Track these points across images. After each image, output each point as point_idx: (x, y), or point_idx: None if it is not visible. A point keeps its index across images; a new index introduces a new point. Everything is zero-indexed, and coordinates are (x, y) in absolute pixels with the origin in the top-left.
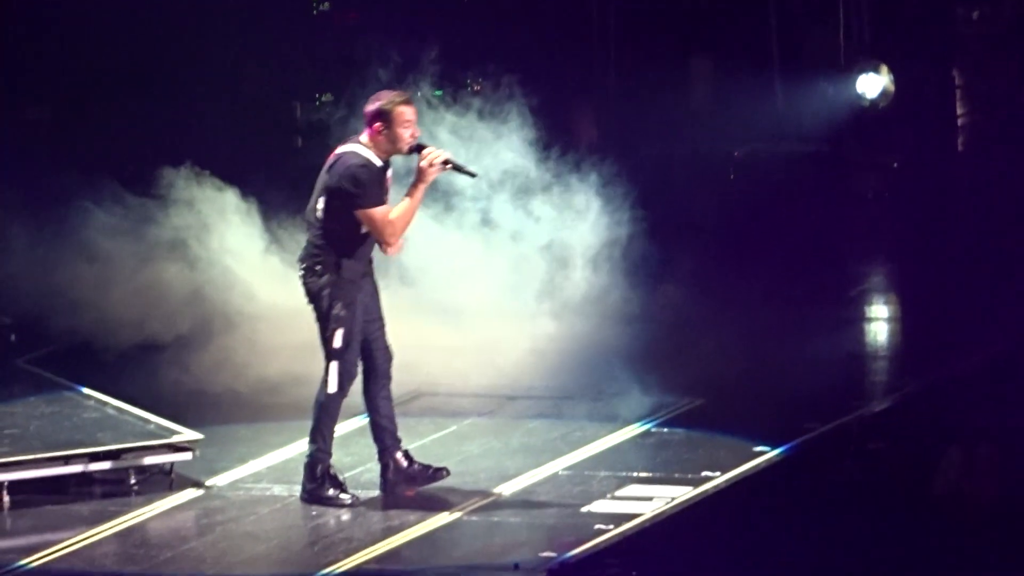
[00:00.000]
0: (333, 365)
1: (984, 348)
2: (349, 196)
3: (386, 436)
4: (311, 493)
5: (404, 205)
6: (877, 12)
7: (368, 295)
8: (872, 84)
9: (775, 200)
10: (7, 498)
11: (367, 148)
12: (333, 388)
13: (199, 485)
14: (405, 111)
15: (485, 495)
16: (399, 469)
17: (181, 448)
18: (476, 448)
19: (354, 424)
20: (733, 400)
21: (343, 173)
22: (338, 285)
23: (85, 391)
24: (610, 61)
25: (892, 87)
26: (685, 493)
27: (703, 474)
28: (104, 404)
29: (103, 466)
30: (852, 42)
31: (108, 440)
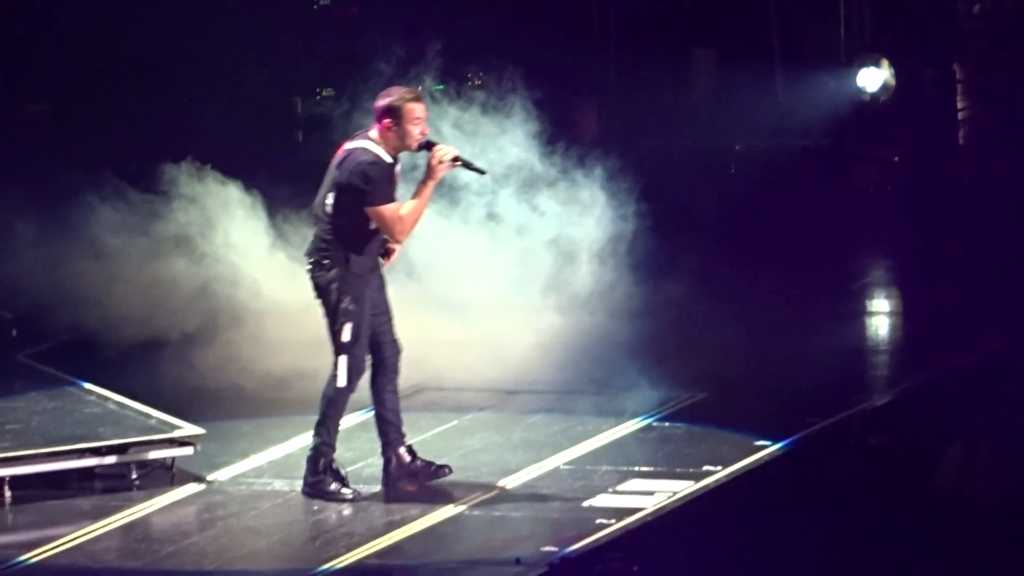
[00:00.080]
0: (342, 359)
1: (985, 343)
2: (359, 193)
3: (391, 430)
4: (313, 486)
5: (414, 203)
6: (878, 6)
7: (375, 289)
8: (873, 78)
9: (776, 194)
10: (8, 493)
11: (377, 144)
12: (342, 382)
13: (200, 480)
14: (415, 108)
15: (486, 490)
16: (401, 464)
17: (182, 443)
18: (477, 443)
19: (356, 419)
20: (734, 395)
21: (353, 169)
22: (346, 279)
23: (86, 386)
24: (611, 56)
25: (893, 81)
26: (687, 487)
27: (704, 468)
28: (105, 399)
29: (104, 461)
30: (853, 36)
31: (109, 435)
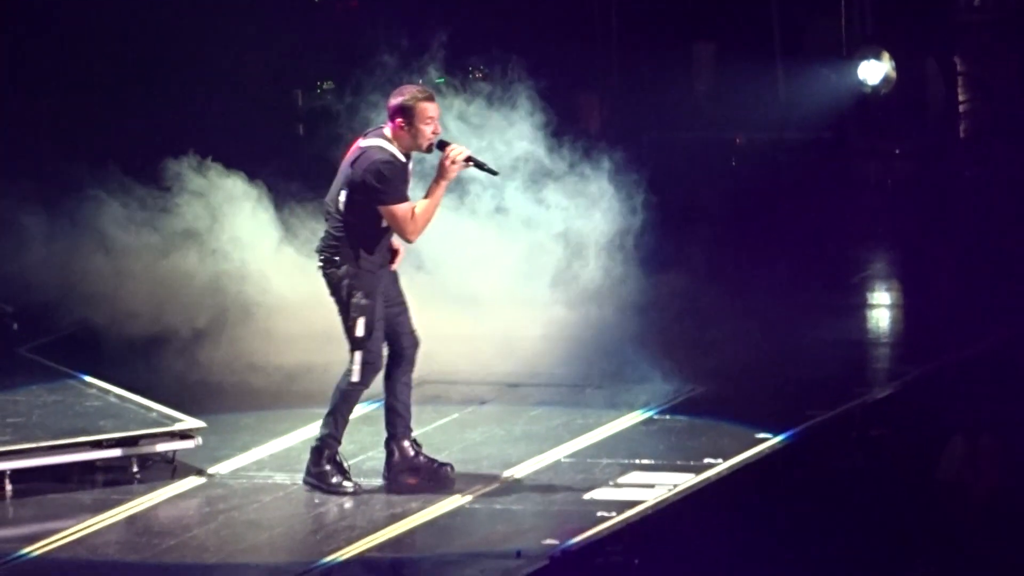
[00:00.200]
0: (357, 355)
1: (986, 336)
2: (373, 192)
3: (399, 423)
4: (315, 477)
5: (426, 202)
6: None
7: (388, 283)
8: (874, 71)
9: (777, 187)
10: (10, 486)
11: (390, 143)
12: (356, 377)
13: (202, 473)
14: (428, 107)
15: (488, 483)
16: (405, 457)
17: (184, 436)
18: (479, 436)
19: (359, 412)
20: (735, 387)
21: (367, 168)
22: (357, 276)
23: (87, 379)
24: (612, 48)
25: (894, 74)
26: (688, 480)
27: (705, 461)
28: (107, 392)
29: (105, 454)
30: (854, 29)
31: (111, 428)
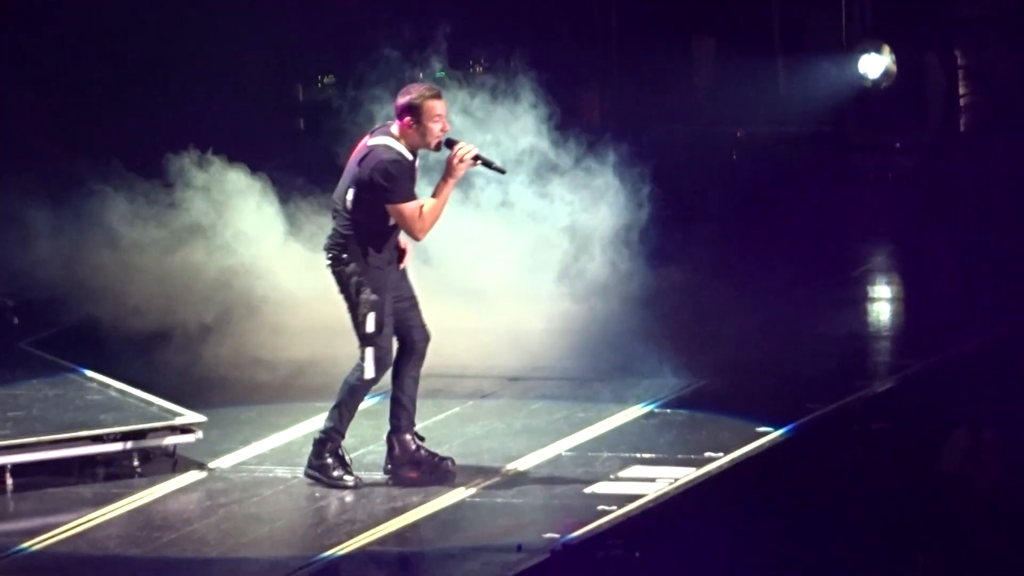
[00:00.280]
0: (368, 351)
1: (987, 329)
2: (380, 190)
3: (403, 416)
4: (317, 470)
5: (434, 201)
6: None
7: (396, 279)
8: (874, 65)
9: (777, 180)
10: (10, 480)
11: (398, 141)
12: (370, 374)
13: (202, 467)
14: (435, 105)
15: (488, 476)
16: (406, 451)
17: (184, 430)
18: (479, 429)
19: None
20: (736, 381)
21: (375, 167)
22: (366, 272)
23: (88, 373)
24: (613, 43)
25: (894, 67)
26: (688, 474)
27: (706, 455)
28: (107, 386)
29: (106, 448)
30: (854, 22)
31: (111, 422)
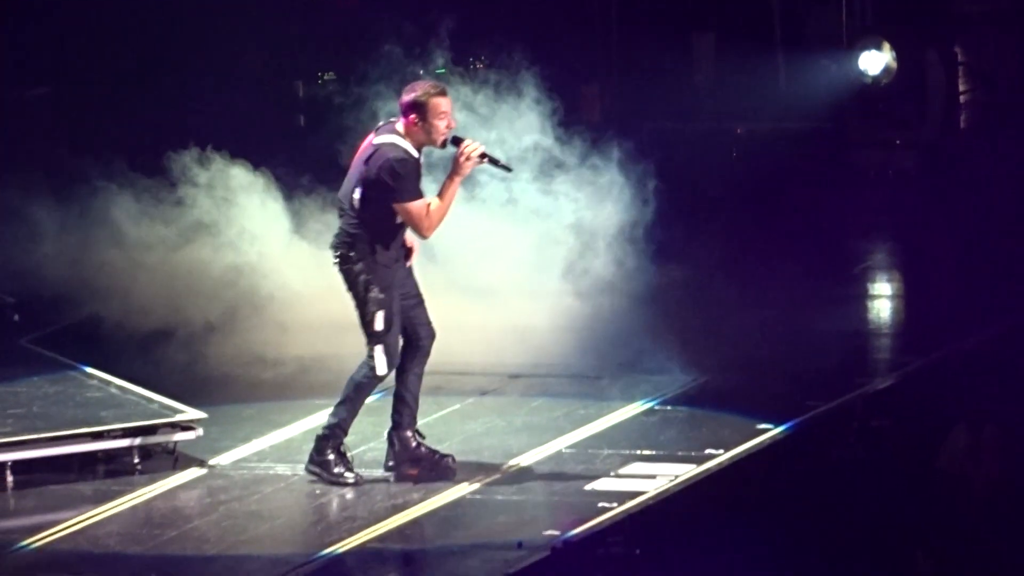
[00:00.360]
0: (378, 348)
1: (987, 326)
2: (388, 189)
3: (405, 412)
4: (318, 466)
5: (440, 199)
6: None
7: (403, 276)
8: (874, 61)
9: (777, 177)
10: (11, 478)
11: (403, 139)
12: (382, 371)
13: (202, 464)
14: (441, 102)
15: (489, 473)
16: (406, 448)
17: (185, 427)
18: (479, 427)
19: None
20: (736, 378)
21: (382, 166)
22: (374, 270)
23: (88, 370)
24: (613, 38)
25: (894, 64)
26: (688, 471)
27: (706, 452)
28: (107, 383)
29: (107, 445)
30: (854, 19)
31: (112, 419)
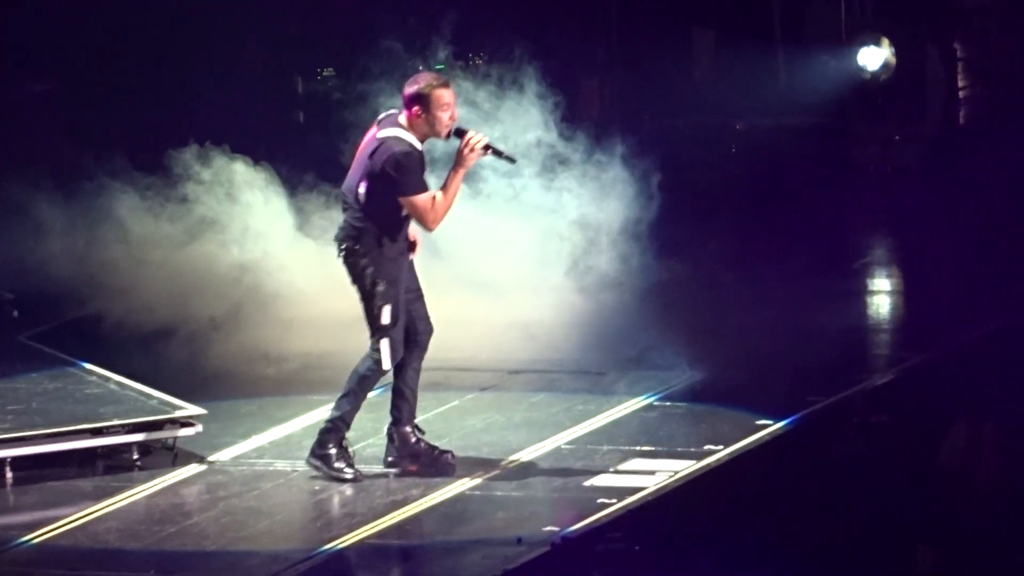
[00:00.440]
0: (384, 342)
1: (987, 321)
2: (393, 182)
3: (404, 408)
4: (319, 459)
5: (445, 192)
6: None
7: (407, 270)
8: (873, 57)
9: (776, 173)
10: (10, 474)
11: (407, 131)
12: (387, 364)
13: (202, 460)
14: (443, 94)
15: (488, 469)
16: (406, 444)
17: (184, 423)
18: (479, 423)
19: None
20: (736, 373)
21: (387, 160)
22: (380, 263)
23: (88, 367)
24: (612, 34)
25: (893, 60)
26: (688, 467)
27: (706, 447)
28: (107, 380)
29: (106, 442)
30: (853, 15)
31: (111, 415)
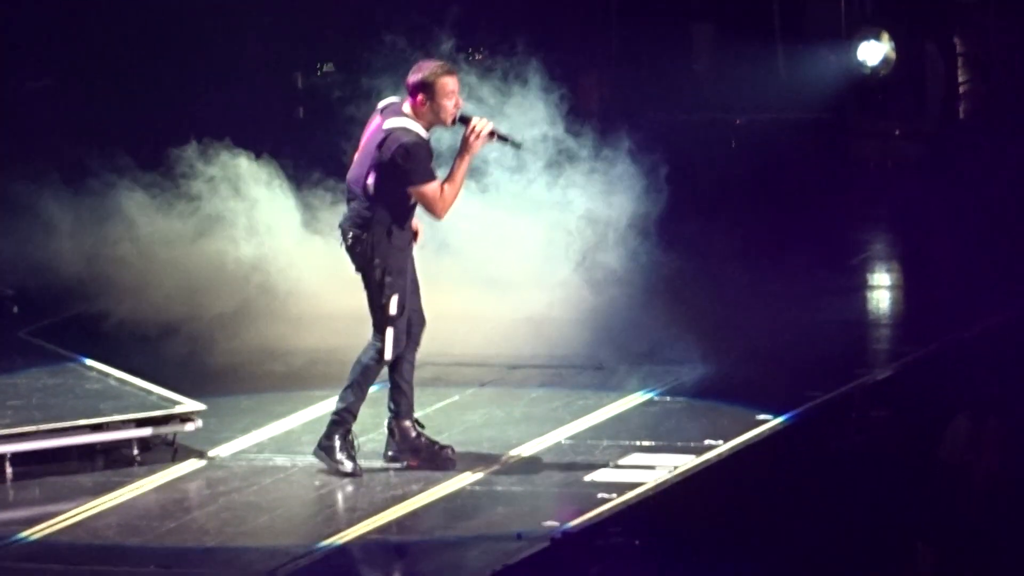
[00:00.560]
0: (389, 332)
1: (986, 316)
2: (402, 173)
3: (402, 401)
4: (324, 449)
5: (452, 179)
6: None
7: (412, 262)
8: (873, 52)
9: (776, 168)
10: (10, 470)
11: (413, 120)
12: (389, 355)
13: (202, 456)
14: (448, 82)
15: (488, 464)
16: (406, 438)
17: (184, 419)
18: (479, 418)
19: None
20: (736, 369)
21: (396, 151)
22: (389, 253)
23: (87, 362)
24: (612, 29)
25: (893, 55)
26: (688, 462)
27: (706, 442)
28: (106, 375)
29: (106, 437)
30: (853, 10)
31: (111, 411)
